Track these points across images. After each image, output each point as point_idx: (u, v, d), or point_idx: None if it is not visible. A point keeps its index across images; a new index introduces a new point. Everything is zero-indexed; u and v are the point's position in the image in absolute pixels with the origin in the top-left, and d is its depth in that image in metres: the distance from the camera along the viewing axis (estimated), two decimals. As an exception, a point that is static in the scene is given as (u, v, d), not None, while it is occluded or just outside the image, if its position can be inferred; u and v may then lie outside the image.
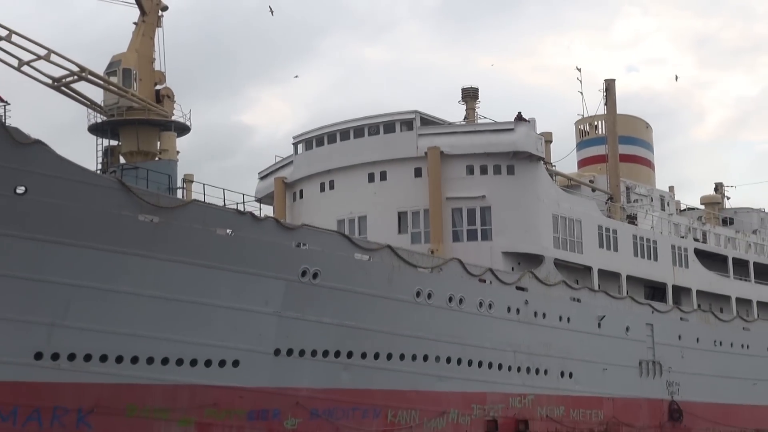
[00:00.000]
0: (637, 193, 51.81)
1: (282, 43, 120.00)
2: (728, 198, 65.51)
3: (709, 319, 51.46)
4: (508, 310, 39.62)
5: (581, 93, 55.62)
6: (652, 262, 49.43)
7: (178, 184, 35.09)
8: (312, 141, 45.00)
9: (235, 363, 31.42)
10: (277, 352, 32.33)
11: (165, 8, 36.76)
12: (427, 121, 43.24)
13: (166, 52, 36.75)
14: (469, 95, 47.98)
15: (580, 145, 57.26)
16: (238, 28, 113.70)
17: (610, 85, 51.75)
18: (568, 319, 42.30)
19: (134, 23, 36.55)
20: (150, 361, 29.99)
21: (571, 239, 44.35)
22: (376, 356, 34.76)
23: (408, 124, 42.58)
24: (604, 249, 46.29)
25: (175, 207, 30.45)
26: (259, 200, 47.44)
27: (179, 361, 30.47)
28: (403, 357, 35.51)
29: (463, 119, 47.36)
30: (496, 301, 38.99)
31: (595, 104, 55.16)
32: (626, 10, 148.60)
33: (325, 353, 33.46)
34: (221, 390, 31.09)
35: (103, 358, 29.27)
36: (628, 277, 47.66)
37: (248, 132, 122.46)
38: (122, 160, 35.61)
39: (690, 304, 51.38)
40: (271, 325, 32.21)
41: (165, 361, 30.20)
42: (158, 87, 36.15)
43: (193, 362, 30.70)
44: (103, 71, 35.24)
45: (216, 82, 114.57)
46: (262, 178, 49.43)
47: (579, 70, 54.16)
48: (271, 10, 51.38)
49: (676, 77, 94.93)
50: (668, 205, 54.13)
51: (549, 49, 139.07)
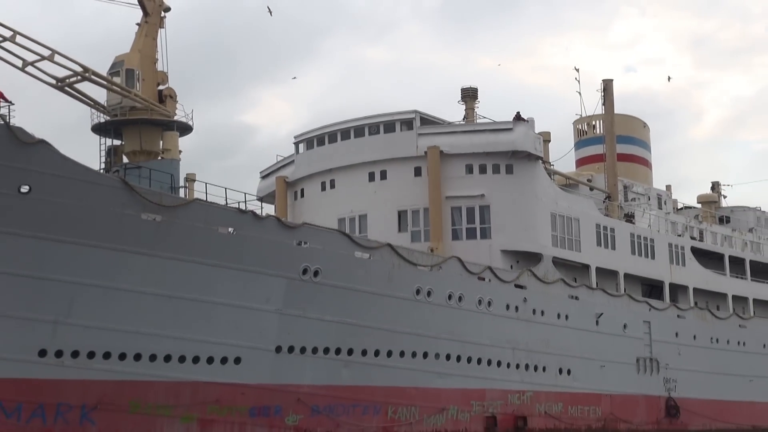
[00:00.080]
0: (634, 192, 51.83)
1: (284, 44, 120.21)
2: (725, 197, 65.63)
3: (705, 317, 51.62)
4: (507, 307, 39.77)
5: (579, 93, 55.82)
6: (650, 260, 49.59)
7: (181, 183, 35.17)
8: (313, 140, 45.11)
9: (237, 360, 31.57)
10: (278, 350, 32.47)
11: (167, 9, 36.96)
12: (427, 121, 43.36)
13: (168, 53, 37.05)
14: (469, 95, 47.98)
15: (578, 145, 57.36)
16: (241, 28, 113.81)
17: (607, 85, 51.85)
18: (567, 317, 42.46)
19: (137, 24, 36.74)
20: (153, 358, 30.10)
21: (569, 237, 44.47)
22: (377, 353, 34.90)
23: (408, 124, 42.73)
24: (602, 247, 46.46)
25: (178, 206, 30.54)
26: (261, 199, 47.25)
27: (181, 358, 30.59)
28: (403, 354, 35.64)
29: (463, 119, 47.37)
30: (495, 299, 39.16)
31: (593, 104, 55.54)
32: (624, 11, 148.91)
33: (326, 350, 33.62)
34: (223, 387, 31.20)
35: (107, 355, 29.38)
36: (626, 275, 47.83)
37: (250, 132, 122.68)
38: (125, 160, 35.78)
39: (687, 302, 51.54)
40: (273, 323, 32.33)
41: (167, 358, 30.33)
42: (161, 87, 36.36)
43: (196, 359, 30.84)
44: (107, 71, 35.40)
45: (218, 83, 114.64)
46: (263, 178, 49.52)
47: (577, 70, 54.29)
48: (269, 10, 51.19)
49: (669, 78, 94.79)
50: (665, 203, 54.22)
51: (548, 50, 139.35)
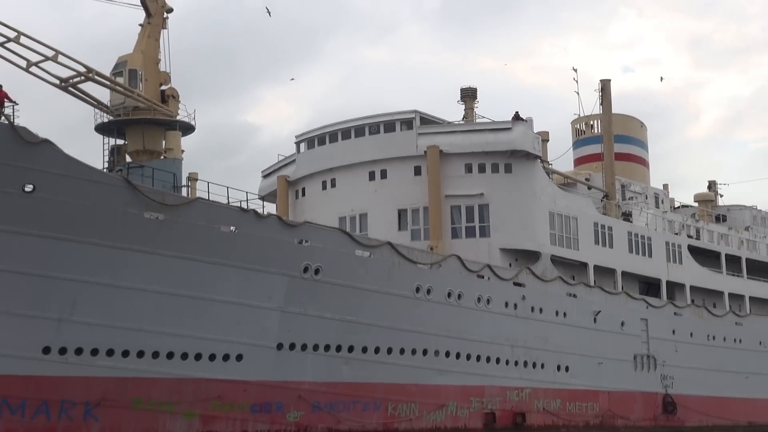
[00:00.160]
0: (632, 191, 52.00)
1: (286, 45, 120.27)
2: (721, 196, 65.49)
3: (702, 314, 51.86)
4: (506, 305, 40.02)
5: (577, 93, 56.24)
6: (647, 258, 49.81)
7: (183, 182, 35.31)
8: (314, 140, 45.27)
9: (239, 357, 31.77)
10: (279, 347, 32.67)
11: (170, 10, 37.15)
12: (427, 121, 43.55)
13: (171, 53, 37.25)
14: (468, 95, 48.17)
15: (577, 144, 57.52)
16: (243, 29, 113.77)
17: (605, 85, 52.07)
18: (565, 314, 42.71)
19: (140, 25, 36.92)
20: (155, 355, 30.25)
21: (567, 236, 44.67)
22: (377, 350, 35.13)
23: (408, 124, 42.92)
24: (600, 245, 46.69)
25: (180, 204, 30.70)
26: (262, 198, 47.66)
27: (184, 356, 30.75)
28: (402, 351, 35.88)
29: (462, 119, 47.58)
30: (494, 297, 39.41)
31: (591, 104, 55.76)
32: (622, 12, 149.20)
33: (327, 347, 33.83)
34: (225, 383, 31.39)
35: (110, 353, 29.52)
36: (623, 273, 48.04)
37: (253, 131, 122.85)
38: (128, 159, 36.00)
39: (684, 300, 51.78)
40: (274, 320, 32.52)
41: (170, 356, 30.51)
42: (163, 87, 36.57)
43: (198, 356, 31.02)
44: (110, 72, 35.61)
45: (220, 83, 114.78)
46: (265, 177, 49.66)
47: (575, 70, 54.74)
48: (268, 11, 51.14)
49: (661, 78, 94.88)
50: (662, 202, 54.42)
51: (547, 50, 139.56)
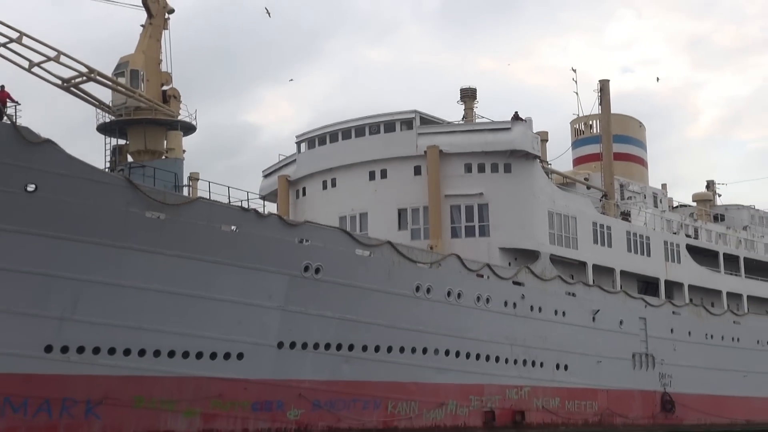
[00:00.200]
0: (630, 190, 52.14)
1: (287, 45, 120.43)
2: (719, 195, 65.66)
3: (700, 313, 52.04)
4: (505, 304, 40.18)
5: (577, 93, 56.48)
6: (645, 257, 49.99)
7: (184, 182, 35.47)
8: (315, 140, 45.43)
9: (240, 356, 31.93)
10: (280, 345, 32.83)
11: (171, 11, 37.26)
12: (427, 121, 43.71)
13: (172, 54, 37.36)
14: (468, 95, 48.25)
15: (575, 144, 57.71)
16: (244, 30, 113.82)
17: (604, 85, 52.24)
18: (564, 313, 42.88)
19: (141, 26, 37.06)
20: (157, 353, 30.41)
21: (566, 235, 44.83)
22: (377, 349, 35.30)
23: (408, 124, 43.08)
24: (599, 245, 46.87)
25: (181, 204, 30.87)
26: (263, 198, 47.43)
27: (185, 354, 30.89)
28: (402, 350, 36.05)
29: (462, 119, 47.68)
30: (493, 296, 39.58)
31: (590, 104, 56.08)
32: (621, 13, 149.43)
33: (327, 346, 34.00)
34: (226, 382, 31.55)
35: (111, 351, 29.69)
36: (622, 272, 48.21)
37: (254, 131, 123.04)
38: (130, 159, 36.13)
39: (682, 299, 51.95)
40: (275, 319, 32.67)
41: (171, 354, 30.67)
42: (165, 87, 36.70)
43: (199, 355, 31.17)
44: (112, 72, 35.76)
45: (222, 83, 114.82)
46: (265, 176, 49.81)
47: (574, 71, 54.76)
48: (267, 12, 51.28)
49: (657, 78, 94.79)
50: (661, 202, 54.55)
51: (546, 50, 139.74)
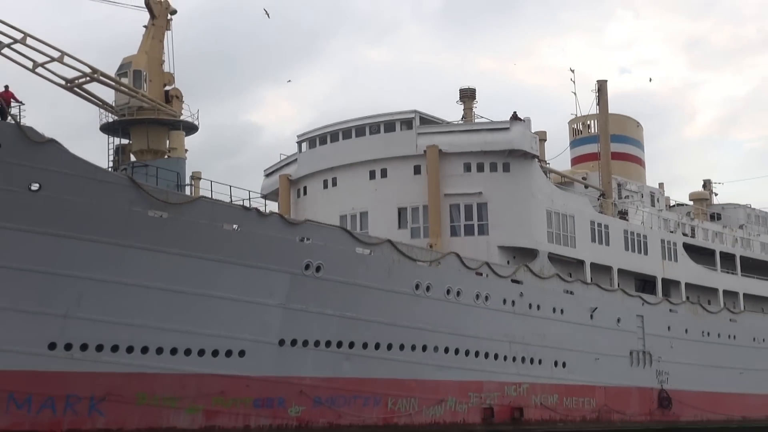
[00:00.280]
0: (628, 189, 52.42)
1: (288, 46, 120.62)
2: (716, 194, 66.05)
3: (697, 311, 52.27)
4: (504, 302, 40.40)
5: (575, 93, 56.72)
6: (643, 255, 50.23)
7: (187, 181, 35.65)
8: (315, 140, 45.66)
9: (241, 353, 32.12)
10: (281, 343, 33.03)
11: (174, 12, 37.47)
12: (426, 121, 43.94)
13: (175, 54, 37.58)
14: (467, 95, 48.41)
15: (574, 144, 57.95)
16: (246, 30, 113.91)
17: (602, 85, 52.51)
18: (562, 311, 43.11)
19: (144, 26, 37.31)
20: (159, 351, 30.61)
21: (564, 234, 45.08)
22: (377, 346, 35.52)
23: (408, 124, 43.32)
24: (597, 243, 47.12)
25: (184, 203, 31.07)
26: (265, 197, 47.98)
27: (187, 351, 31.10)
28: (402, 347, 36.27)
29: (461, 118, 47.87)
30: (492, 294, 39.80)
31: (588, 104, 56.30)
32: (620, 13, 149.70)
33: (328, 343, 34.20)
34: (228, 379, 31.76)
35: (115, 348, 29.88)
36: (620, 271, 48.47)
37: (255, 131, 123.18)
38: (133, 158, 36.31)
39: (679, 297, 52.20)
40: (276, 317, 32.87)
41: (174, 351, 30.85)
42: (167, 88, 36.88)
43: (201, 352, 31.37)
44: (115, 73, 35.99)
45: (224, 84, 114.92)
46: (267, 176, 50.00)
47: (573, 71, 55.00)
48: (267, 13, 51.51)
49: (650, 79, 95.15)
50: (658, 201, 54.86)
51: (545, 51, 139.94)
